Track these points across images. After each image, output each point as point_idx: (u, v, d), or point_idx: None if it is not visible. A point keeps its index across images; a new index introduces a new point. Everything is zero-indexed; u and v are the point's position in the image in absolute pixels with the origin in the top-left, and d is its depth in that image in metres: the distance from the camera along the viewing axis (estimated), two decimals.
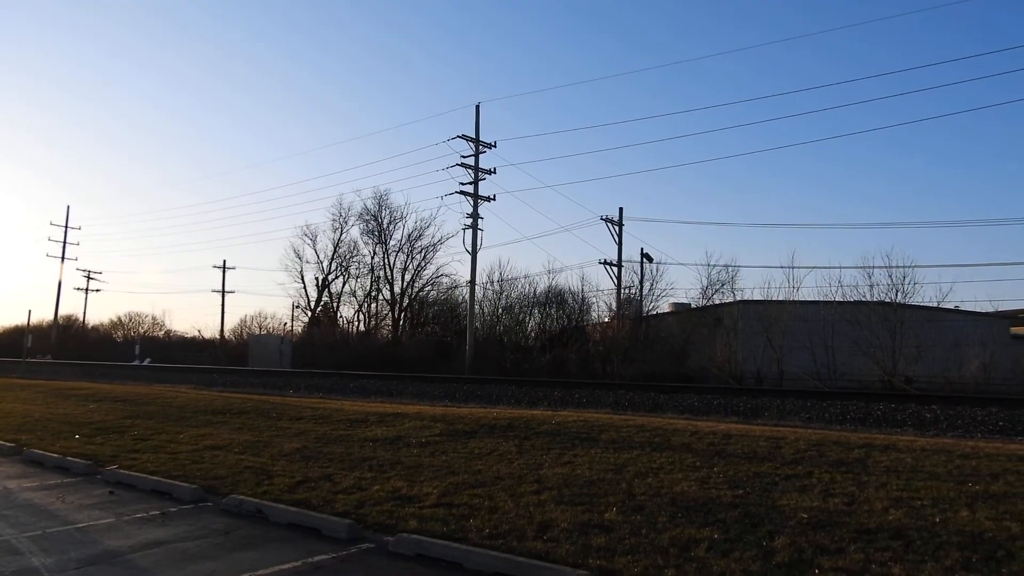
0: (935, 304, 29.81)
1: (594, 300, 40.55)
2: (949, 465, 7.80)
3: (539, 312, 40.62)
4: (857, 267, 37.27)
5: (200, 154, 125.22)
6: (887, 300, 29.01)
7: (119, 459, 10.91)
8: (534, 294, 40.83)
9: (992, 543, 5.60)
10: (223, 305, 57.38)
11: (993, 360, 27.80)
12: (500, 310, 40.91)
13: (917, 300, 29.44)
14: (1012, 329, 38.91)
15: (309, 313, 51.98)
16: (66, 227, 60.68)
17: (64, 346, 55.62)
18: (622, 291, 36.72)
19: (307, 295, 52.20)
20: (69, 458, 11.03)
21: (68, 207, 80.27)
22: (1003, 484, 7.03)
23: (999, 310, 36.77)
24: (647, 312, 36.62)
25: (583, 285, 43.62)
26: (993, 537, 5.70)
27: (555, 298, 40.40)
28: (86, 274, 64.30)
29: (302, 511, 7.55)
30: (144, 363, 41.72)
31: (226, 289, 57.49)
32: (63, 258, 60.48)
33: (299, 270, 51.91)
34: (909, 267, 29.18)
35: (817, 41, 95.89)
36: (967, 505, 6.47)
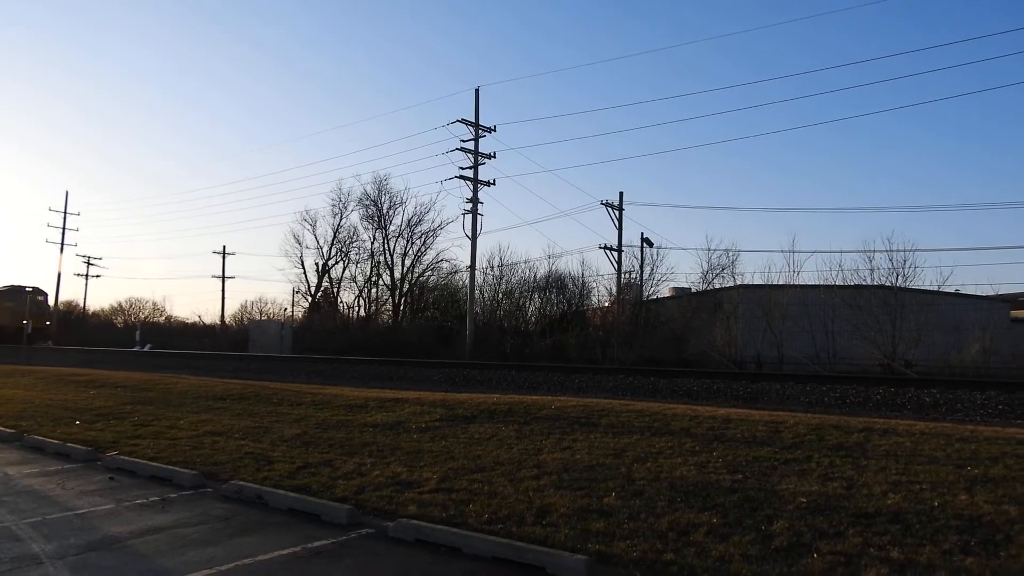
0: (935, 288, 29.78)
1: (594, 285, 40.59)
2: (948, 449, 7.80)
3: (539, 297, 40.67)
4: (858, 251, 37.31)
5: (198, 139, 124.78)
6: (887, 284, 28.97)
7: (119, 445, 10.93)
8: (534, 279, 40.84)
9: (991, 527, 5.60)
10: (223, 291, 57.52)
11: (993, 344, 27.81)
12: (500, 295, 40.95)
13: (917, 284, 29.41)
14: (1012, 312, 38.90)
15: (309, 299, 52.06)
16: (65, 212, 60.57)
17: (64, 332, 55.67)
18: (622, 276, 36.69)
19: (307, 280, 52.25)
20: (69, 444, 11.05)
21: (67, 192, 79.95)
22: (1002, 467, 7.03)
23: (999, 293, 36.71)
24: (647, 297, 36.60)
25: (583, 270, 43.65)
26: (992, 521, 5.70)
27: (555, 283, 40.43)
28: (86, 260, 64.29)
29: (302, 497, 7.56)
30: (144, 349, 41.75)
31: (226, 275, 57.56)
32: (62, 244, 60.42)
33: (299, 255, 51.94)
34: (910, 251, 29.12)
35: (815, 24, 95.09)
36: (966, 489, 6.48)
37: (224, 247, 57.98)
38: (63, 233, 60.33)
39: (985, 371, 25.38)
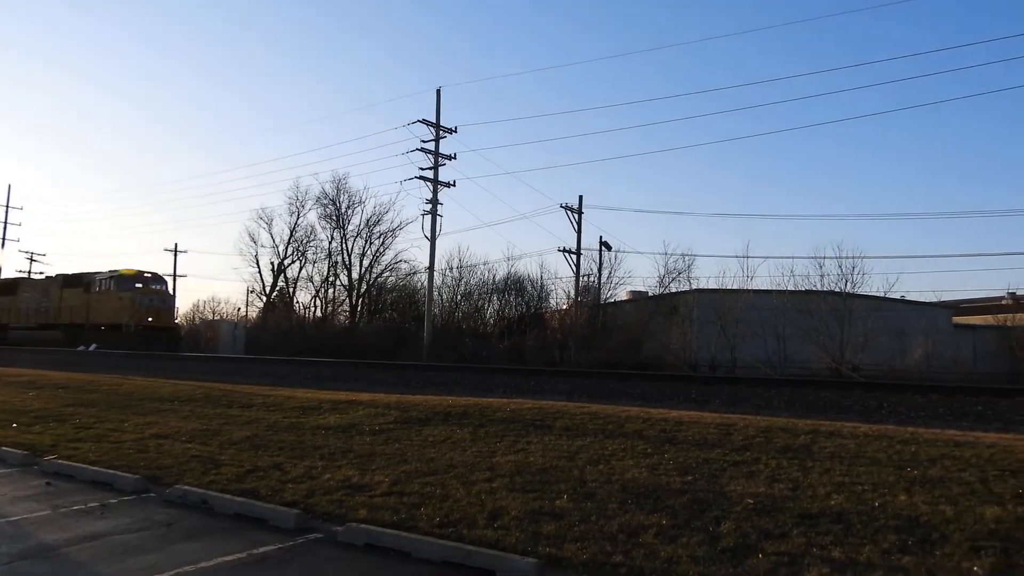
0: (882, 294, 30.81)
1: (553, 288, 40.75)
2: (890, 451, 8.01)
3: (498, 299, 40.72)
4: (809, 257, 38.49)
5: (152, 135, 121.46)
6: (836, 290, 29.82)
7: (58, 449, 10.54)
8: (493, 281, 40.88)
9: (927, 526, 5.77)
10: (174, 289, 56.00)
11: (935, 349, 28.86)
12: (459, 296, 40.87)
13: (865, 290, 30.38)
14: (954, 319, 40.40)
15: (264, 298, 51.17)
16: (7, 207, 58.42)
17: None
18: (581, 279, 36.97)
19: (262, 280, 51.43)
20: (4, 448, 10.61)
21: (9, 186, 77.01)
22: (940, 469, 7.25)
23: (942, 300, 38.11)
24: (605, 300, 36.99)
25: (542, 272, 43.61)
26: (929, 521, 5.87)
27: (514, 285, 40.52)
28: (29, 256, 61.98)
29: (249, 501, 7.39)
30: (90, 348, 40.40)
31: (178, 273, 56.17)
32: (4, 239, 58.19)
33: (254, 254, 51.15)
34: (858, 258, 30.13)
35: (771, 34, 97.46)
36: (905, 490, 6.66)
37: (176, 244, 56.70)
38: (4, 228, 58.20)
39: (928, 375, 26.31)
